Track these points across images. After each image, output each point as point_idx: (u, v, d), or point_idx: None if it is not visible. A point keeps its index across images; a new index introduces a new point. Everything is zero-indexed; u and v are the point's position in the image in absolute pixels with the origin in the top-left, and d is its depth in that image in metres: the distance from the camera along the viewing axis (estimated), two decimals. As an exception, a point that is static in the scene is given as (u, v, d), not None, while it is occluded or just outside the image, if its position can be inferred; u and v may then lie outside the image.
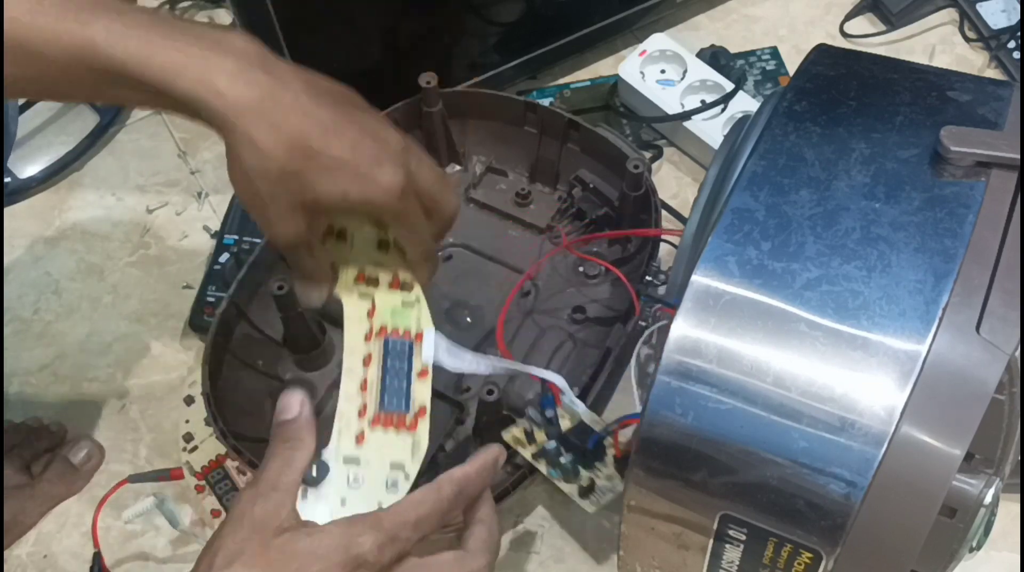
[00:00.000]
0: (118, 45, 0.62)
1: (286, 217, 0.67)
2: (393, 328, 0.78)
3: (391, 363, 0.77)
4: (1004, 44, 1.21)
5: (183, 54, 0.63)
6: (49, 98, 0.74)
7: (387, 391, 0.76)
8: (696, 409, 0.63)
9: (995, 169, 0.67)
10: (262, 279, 1.00)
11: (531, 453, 0.81)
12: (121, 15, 0.63)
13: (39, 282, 1.13)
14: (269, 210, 0.67)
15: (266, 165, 0.64)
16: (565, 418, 0.82)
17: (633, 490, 0.68)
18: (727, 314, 0.63)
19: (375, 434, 0.75)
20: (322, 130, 0.65)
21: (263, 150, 0.64)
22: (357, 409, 0.76)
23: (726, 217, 0.67)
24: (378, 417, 0.76)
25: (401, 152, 0.69)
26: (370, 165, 0.67)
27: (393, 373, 0.76)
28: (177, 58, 0.63)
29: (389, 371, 0.76)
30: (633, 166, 0.98)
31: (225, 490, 0.97)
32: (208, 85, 0.62)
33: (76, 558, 0.97)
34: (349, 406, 0.76)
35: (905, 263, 0.63)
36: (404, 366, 0.77)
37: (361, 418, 0.75)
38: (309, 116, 0.65)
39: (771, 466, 0.62)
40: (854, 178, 0.67)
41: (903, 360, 0.60)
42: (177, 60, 0.62)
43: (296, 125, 0.64)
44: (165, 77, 0.62)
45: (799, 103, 0.73)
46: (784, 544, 0.64)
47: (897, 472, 0.59)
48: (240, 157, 0.64)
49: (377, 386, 0.76)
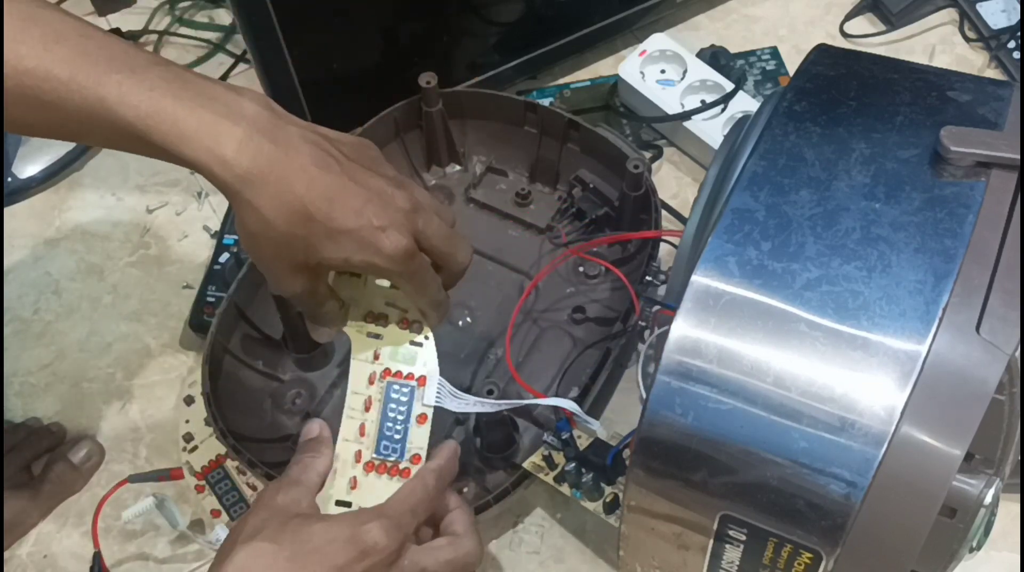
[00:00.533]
0: (129, 106, 0.63)
1: (289, 277, 0.70)
2: (397, 370, 0.79)
3: (390, 411, 0.79)
4: (1004, 44, 1.21)
5: (194, 119, 0.64)
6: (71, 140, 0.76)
7: (383, 438, 0.78)
8: (696, 409, 0.63)
9: (995, 169, 0.67)
10: (262, 279, 1.00)
11: (553, 477, 0.81)
12: (133, 72, 0.64)
13: (39, 282, 1.13)
14: (272, 270, 0.70)
15: (268, 232, 0.66)
16: (581, 438, 0.82)
17: (633, 490, 0.68)
18: (727, 314, 0.63)
19: (368, 479, 0.78)
20: (326, 198, 0.66)
21: (266, 218, 0.66)
22: (354, 454, 0.79)
23: (726, 217, 0.67)
24: (371, 463, 0.79)
25: (408, 213, 0.71)
26: (373, 231, 0.68)
27: (391, 421, 0.78)
28: (187, 125, 0.64)
29: (388, 418, 0.78)
30: (633, 166, 0.98)
31: (225, 490, 0.97)
32: (215, 154, 0.64)
33: (76, 558, 0.97)
34: (346, 450, 0.79)
35: (905, 263, 0.63)
36: (404, 414, 0.78)
37: (357, 464, 0.78)
38: (313, 185, 0.66)
39: (771, 466, 0.62)
40: (854, 178, 0.68)
41: (903, 360, 0.60)
42: (186, 127, 0.64)
43: (299, 194, 0.66)
44: (174, 142, 0.64)
45: (799, 103, 0.73)
46: (784, 544, 0.64)
47: (897, 472, 0.59)
48: (244, 222, 0.67)
49: (375, 432, 0.79)
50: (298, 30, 1.01)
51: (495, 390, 0.85)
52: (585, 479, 0.79)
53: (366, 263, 0.69)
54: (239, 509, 0.96)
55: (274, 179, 0.65)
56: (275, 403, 1.00)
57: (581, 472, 0.79)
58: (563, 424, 0.82)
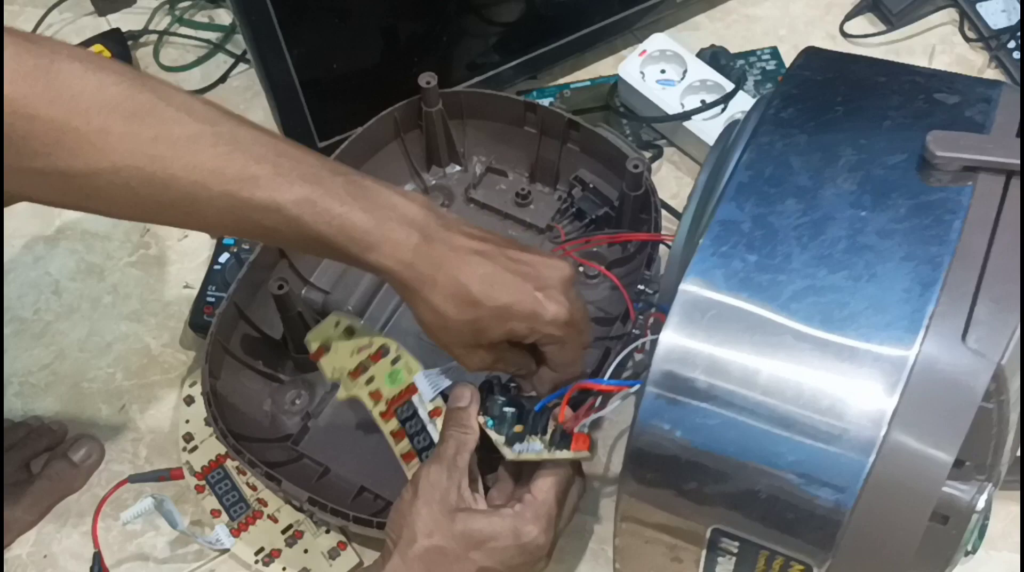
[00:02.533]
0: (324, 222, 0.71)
1: (470, 355, 0.78)
2: (392, 396, 0.85)
3: (410, 429, 0.85)
4: (1004, 44, 1.21)
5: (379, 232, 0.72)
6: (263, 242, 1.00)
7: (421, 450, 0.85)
8: (685, 420, 0.63)
9: (982, 173, 0.67)
10: (262, 279, 1.01)
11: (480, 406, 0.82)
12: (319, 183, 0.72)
13: (39, 282, 1.13)
14: (455, 351, 0.78)
15: (444, 322, 0.75)
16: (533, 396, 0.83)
17: (625, 501, 0.68)
18: (715, 326, 0.64)
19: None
20: (487, 284, 0.74)
21: (440, 309, 0.74)
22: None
23: (712, 229, 0.67)
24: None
25: (564, 281, 0.77)
26: (534, 300, 0.75)
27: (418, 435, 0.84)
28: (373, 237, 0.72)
29: (414, 435, 0.85)
30: (633, 166, 0.98)
31: (225, 490, 0.98)
32: (397, 260, 0.73)
33: (76, 558, 0.97)
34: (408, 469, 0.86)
35: (892, 272, 0.63)
36: (420, 423, 0.84)
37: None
38: (475, 273, 0.74)
39: (761, 476, 0.62)
40: (841, 186, 0.67)
41: (890, 369, 0.60)
42: (373, 239, 0.72)
43: (465, 284, 0.73)
44: (363, 252, 0.73)
45: (786, 110, 0.73)
46: (775, 556, 0.64)
47: (887, 479, 0.60)
48: (422, 315, 0.76)
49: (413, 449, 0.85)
50: (298, 30, 1.01)
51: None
52: (507, 413, 0.80)
53: (529, 329, 0.76)
54: (239, 509, 0.97)
55: (445, 276, 0.73)
56: (275, 403, 1.01)
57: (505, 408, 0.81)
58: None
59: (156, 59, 1.30)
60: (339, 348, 0.87)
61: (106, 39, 1.27)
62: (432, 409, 0.83)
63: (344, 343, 0.87)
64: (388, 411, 0.85)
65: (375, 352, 0.86)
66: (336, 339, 0.87)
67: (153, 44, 1.31)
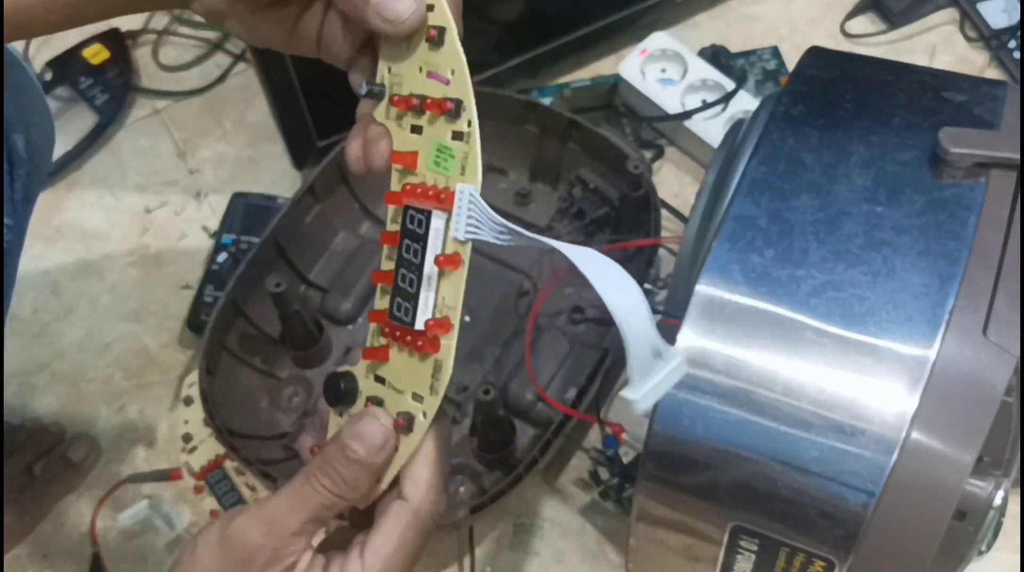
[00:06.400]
0: None
1: None
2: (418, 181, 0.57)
3: (405, 250, 0.57)
4: (1004, 44, 1.21)
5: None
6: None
7: (397, 293, 0.58)
8: (705, 420, 0.63)
9: (994, 169, 0.67)
10: (260, 277, 1.00)
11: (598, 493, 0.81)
12: None
13: (38, 282, 1.13)
14: None
15: None
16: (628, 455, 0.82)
17: (642, 502, 0.67)
18: (733, 323, 0.63)
19: (392, 352, 0.59)
20: None
21: None
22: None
23: (728, 225, 0.66)
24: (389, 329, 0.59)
25: None
26: None
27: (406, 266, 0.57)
28: None
29: (403, 262, 0.57)
30: (633, 166, 0.98)
31: (224, 491, 0.98)
32: None
33: (76, 558, 0.97)
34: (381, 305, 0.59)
35: (910, 267, 0.63)
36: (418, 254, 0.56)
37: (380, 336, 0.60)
38: None
39: (782, 476, 0.61)
40: (854, 182, 0.67)
41: (912, 366, 0.60)
42: None
43: None
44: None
45: (796, 107, 0.72)
46: (797, 553, 0.63)
47: (909, 479, 0.59)
48: None
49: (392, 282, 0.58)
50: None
51: (491, 390, 0.85)
52: (627, 493, 0.78)
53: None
54: (238, 510, 0.96)
55: None
56: (272, 401, 1.00)
57: (624, 487, 0.79)
58: (610, 441, 0.82)
59: (155, 58, 1.29)
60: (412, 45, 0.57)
61: (105, 38, 1.26)
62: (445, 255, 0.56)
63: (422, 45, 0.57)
64: (403, 192, 0.57)
65: (441, 100, 0.55)
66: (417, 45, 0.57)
67: (152, 43, 1.31)
